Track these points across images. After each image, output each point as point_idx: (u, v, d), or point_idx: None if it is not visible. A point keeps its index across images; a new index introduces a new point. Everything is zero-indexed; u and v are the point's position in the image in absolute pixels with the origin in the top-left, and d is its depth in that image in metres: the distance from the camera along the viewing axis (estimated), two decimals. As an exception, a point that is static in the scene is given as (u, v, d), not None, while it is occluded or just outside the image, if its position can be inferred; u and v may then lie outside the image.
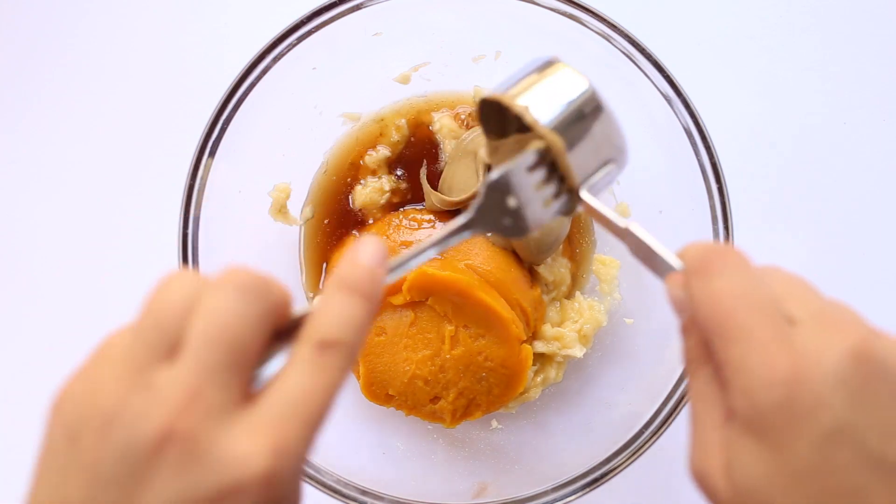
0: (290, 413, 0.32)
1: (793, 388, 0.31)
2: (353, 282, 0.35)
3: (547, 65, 0.45)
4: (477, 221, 0.42)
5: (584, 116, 0.43)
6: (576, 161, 0.42)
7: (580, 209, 0.44)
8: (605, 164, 0.44)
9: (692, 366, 0.37)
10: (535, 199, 0.43)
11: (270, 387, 0.33)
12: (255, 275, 0.34)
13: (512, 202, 0.42)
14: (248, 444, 0.31)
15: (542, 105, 0.43)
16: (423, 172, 0.72)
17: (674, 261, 0.38)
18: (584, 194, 0.43)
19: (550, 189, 0.43)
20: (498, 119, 0.48)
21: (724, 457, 0.34)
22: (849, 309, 0.35)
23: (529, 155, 0.42)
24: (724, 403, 0.35)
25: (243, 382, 0.33)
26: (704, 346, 0.36)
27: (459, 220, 0.42)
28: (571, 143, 0.42)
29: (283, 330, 0.35)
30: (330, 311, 0.34)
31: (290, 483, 0.32)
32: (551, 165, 0.43)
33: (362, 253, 0.36)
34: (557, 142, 0.42)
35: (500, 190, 0.42)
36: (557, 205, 0.43)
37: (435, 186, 0.71)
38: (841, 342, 0.32)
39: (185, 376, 0.31)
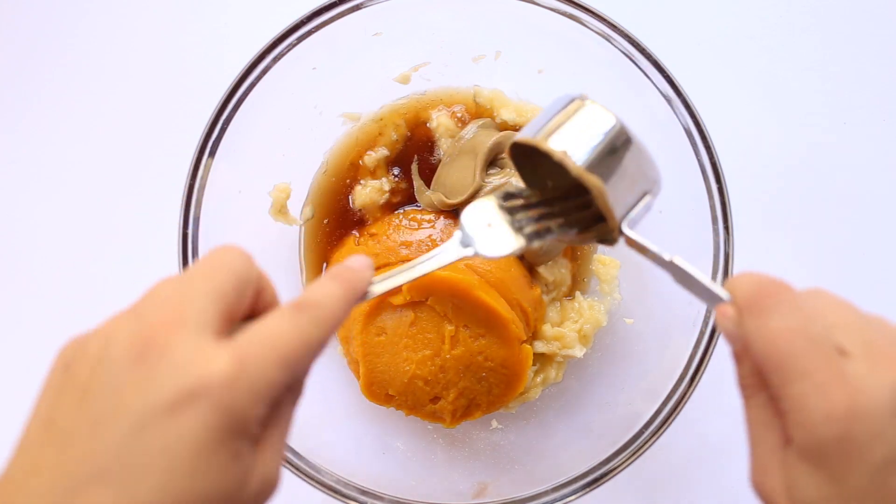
0: (258, 341, 0.34)
1: (849, 423, 0.34)
2: (336, 273, 0.40)
3: (573, 103, 0.45)
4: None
5: (617, 155, 0.43)
6: (614, 198, 0.43)
7: (621, 242, 0.45)
8: (642, 196, 0.45)
9: (747, 391, 0.39)
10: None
11: (247, 328, 0.35)
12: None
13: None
14: (213, 351, 0.33)
15: (577, 147, 0.43)
16: (414, 168, 0.72)
17: (721, 292, 0.40)
18: (626, 230, 0.44)
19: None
20: (529, 155, 0.49)
21: (784, 478, 0.36)
22: (893, 331, 0.36)
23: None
24: (780, 427, 0.37)
25: (224, 318, 0.35)
26: (757, 374, 0.38)
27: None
28: (608, 182, 0.43)
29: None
30: (312, 286, 0.39)
31: (250, 402, 0.33)
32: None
33: (349, 259, 0.42)
34: (599, 186, 0.43)
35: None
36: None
37: (428, 182, 0.71)
38: (892, 375, 0.34)
39: (174, 300, 0.34)
